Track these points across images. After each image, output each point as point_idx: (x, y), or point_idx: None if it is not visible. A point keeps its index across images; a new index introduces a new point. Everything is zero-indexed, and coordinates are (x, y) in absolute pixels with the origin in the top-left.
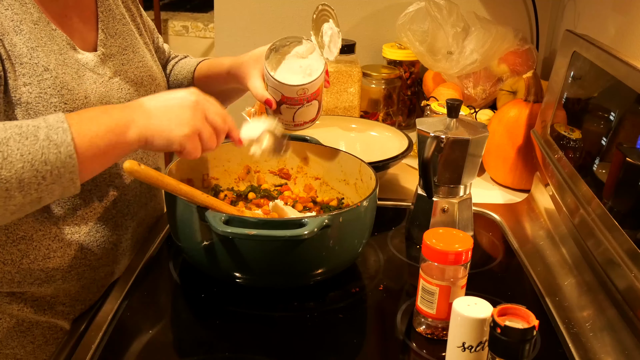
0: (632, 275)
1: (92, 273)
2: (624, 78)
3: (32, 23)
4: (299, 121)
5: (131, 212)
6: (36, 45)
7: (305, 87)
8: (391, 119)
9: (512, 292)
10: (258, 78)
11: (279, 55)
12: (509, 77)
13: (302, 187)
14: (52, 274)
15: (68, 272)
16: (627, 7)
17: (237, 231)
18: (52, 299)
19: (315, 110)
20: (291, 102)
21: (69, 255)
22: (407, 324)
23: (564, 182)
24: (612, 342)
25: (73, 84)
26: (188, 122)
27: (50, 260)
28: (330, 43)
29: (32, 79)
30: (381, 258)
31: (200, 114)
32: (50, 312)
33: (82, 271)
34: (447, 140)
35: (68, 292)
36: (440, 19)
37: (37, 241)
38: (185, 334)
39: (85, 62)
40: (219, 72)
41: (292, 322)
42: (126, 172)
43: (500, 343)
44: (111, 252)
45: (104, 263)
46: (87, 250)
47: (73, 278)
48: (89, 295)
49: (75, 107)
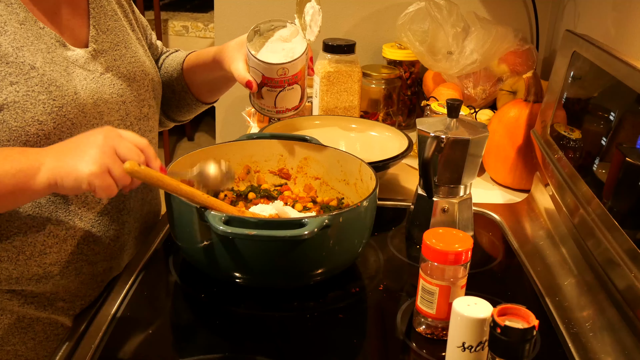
0: (632, 275)
1: (91, 268)
2: (624, 78)
3: (17, 23)
4: (281, 107)
5: (127, 207)
6: (22, 45)
7: (285, 66)
8: (391, 119)
9: (512, 292)
10: (241, 61)
11: (262, 39)
12: (509, 77)
13: (302, 187)
14: (49, 269)
15: (65, 267)
16: (627, 7)
17: (237, 231)
18: (52, 295)
19: (298, 97)
20: (272, 85)
21: (66, 251)
22: (407, 324)
23: (564, 182)
24: (612, 342)
25: (62, 81)
26: (95, 160)
27: (47, 257)
28: (312, 22)
29: (18, 77)
30: (381, 258)
31: (109, 149)
32: (51, 309)
33: (80, 267)
34: (447, 140)
35: (67, 288)
36: (440, 19)
37: (32, 237)
38: (185, 334)
39: (75, 59)
40: (205, 60)
41: (292, 322)
42: (126, 172)
43: (500, 343)
44: (109, 247)
45: (102, 258)
46: (83, 245)
47: (71, 274)
48: (89, 291)
49: (64, 104)
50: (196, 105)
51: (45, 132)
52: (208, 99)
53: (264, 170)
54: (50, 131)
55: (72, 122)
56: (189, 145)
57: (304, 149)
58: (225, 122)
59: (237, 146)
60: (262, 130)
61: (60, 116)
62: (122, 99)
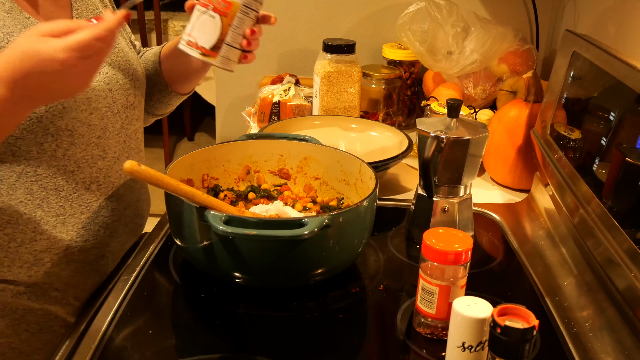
0: (632, 275)
1: (82, 256)
2: (624, 78)
3: (4, 12)
4: (193, 37)
5: (116, 194)
6: (11, 31)
7: None
8: (391, 119)
9: (512, 292)
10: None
11: None
12: (509, 77)
13: (302, 187)
14: (40, 256)
15: (56, 254)
16: (627, 7)
17: (237, 231)
18: (45, 285)
19: (214, 36)
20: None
21: (56, 238)
22: (407, 324)
23: (564, 182)
24: (612, 342)
25: None
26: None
27: (37, 243)
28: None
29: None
30: (381, 258)
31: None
32: (44, 299)
33: (71, 254)
34: (447, 140)
35: (60, 277)
36: (440, 19)
37: (23, 224)
38: (185, 334)
39: None
40: (170, 46)
41: (292, 322)
42: (126, 173)
43: (500, 343)
44: (98, 234)
45: (93, 245)
46: (73, 232)
47: (62, 261)
48: (82, 279)
49: None
50: (170, 96)
51: (37, 114)
52: (181, 89)
53: (264, 170)
54: (42, 114)
55: (63, 106)
56: (189, 145)
57: (304, 149)
58: (225, 122)
59: (237, 146)
60: (262, 130)
61: None
62: (109, 87)
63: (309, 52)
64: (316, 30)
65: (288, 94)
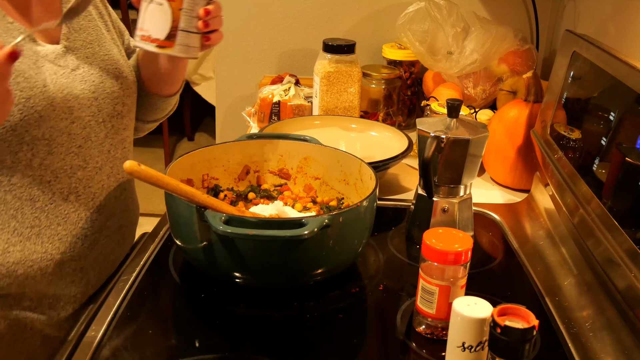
0: (631, 275)
1: (57, 268)
2: (623, 78)
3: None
4: (145, 30)
5: (98, 205)
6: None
7: None
8: (391, 119)
9: (512, 292)
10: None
11: None
12: (509, 77)
13: (302, 187)
14: (13, 268)
15: (30, 267)
16: (627, 7)
17: (237, 231)
18: (19, 295)
19: (167, 25)
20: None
21: (29, 250)
22: (407, 324)
23: (564, 182)
24: (612, 342)
25: (30, 72)
26: None
27: (10, 255)
28: None
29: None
30: (381, 258)
31: None
32: (18, 307)
33: (45, 266)
34: (447, 140)
35: (34, 288)
36: (440, 19)
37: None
38: (185, 334)
39: (44, 54)
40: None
41: (292, 322)
42: (126, 172)
43: (500, 343)
44: (76, 246)
45: (69, 258)
46: (48, 244)
47: (36, 274)
48: (58, 289)
49: (32, 95)
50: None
51: (11, 123)
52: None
53: (264, 170)
54: (16, 122)
55: (40, 115)
56: (189, 145)
57: (304, 149)
58: (225, 122)
59: (237, 146)
60: (262, 130)
61: (28, 107)
62: (95, 95)
63: (309, 52)
64: (316, 30)
65: (288, 94)
